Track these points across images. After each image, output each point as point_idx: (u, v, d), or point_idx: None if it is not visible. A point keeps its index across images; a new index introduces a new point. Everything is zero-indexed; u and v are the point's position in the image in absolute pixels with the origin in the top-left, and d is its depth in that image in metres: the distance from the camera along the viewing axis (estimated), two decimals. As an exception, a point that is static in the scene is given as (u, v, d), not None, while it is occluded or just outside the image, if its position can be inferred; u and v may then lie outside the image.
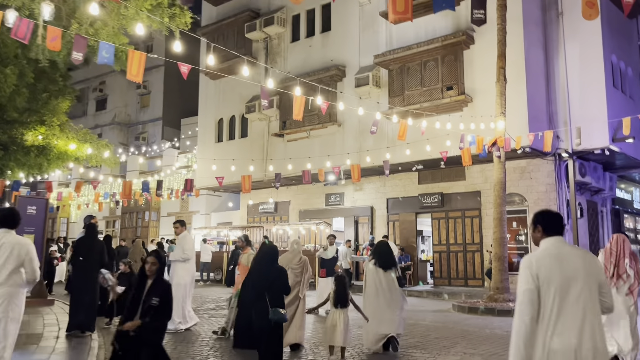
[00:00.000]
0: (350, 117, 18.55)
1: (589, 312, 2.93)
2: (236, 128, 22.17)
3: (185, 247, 8.81)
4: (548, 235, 3.15)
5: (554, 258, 3.01)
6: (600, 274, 3.11)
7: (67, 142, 14.09)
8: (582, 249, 3.35)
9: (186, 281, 8.81)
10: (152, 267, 4.66)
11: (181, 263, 8.80)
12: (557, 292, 2.92)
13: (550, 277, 2.95)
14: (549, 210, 3.27)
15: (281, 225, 20.33)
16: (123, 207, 26.75)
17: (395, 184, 19.03)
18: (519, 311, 2.99)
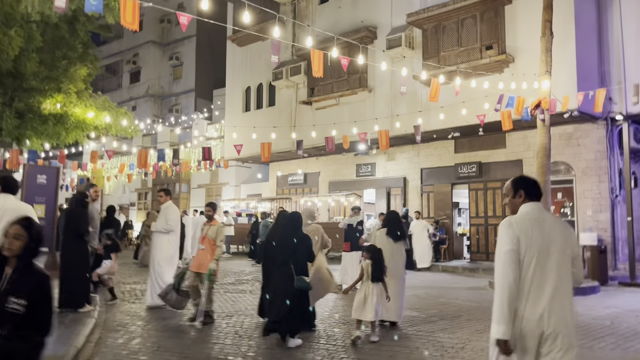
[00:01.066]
0: (382, 83, 17.47)
1: (563, 280, 2.91)
2: (264, 96, 21.37)
3: (169, 218, 8.13)
4: (529, 200, 3.09)
5: (535, 222, 2.97)
6: (575, 245, 3.09)
7: (85, 110, 13.61)
8: (560, 218, 3.36)
9: (169, 254, 8.18)
10: (14, 244, 2.93)
11: (164, 235, 8.14)
12: (537, 256, 2.89)
13: (531, 241, 2.91)
14: (528, 176, 3.28)
15: (309, 197, 19.59)
16: (154, 179, 26.58)
17: (429, 153, 17.92)
18: (502, 272, 2.91)
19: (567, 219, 15.08)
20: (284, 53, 20.45)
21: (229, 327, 6.86)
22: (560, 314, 2.85)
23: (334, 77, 18.39)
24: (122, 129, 14.63)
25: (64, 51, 15.15)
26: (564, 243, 2.97)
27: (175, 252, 8.29)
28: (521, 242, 2.91)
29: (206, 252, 7.10)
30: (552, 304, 2.84)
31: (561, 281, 2.90)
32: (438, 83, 10.69)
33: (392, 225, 7.14)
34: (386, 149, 14.20)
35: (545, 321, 2.82)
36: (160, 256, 8.09)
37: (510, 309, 2.84)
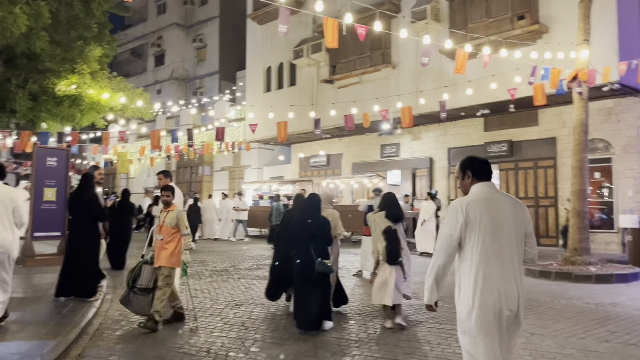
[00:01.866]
0: (406, 58, 16.66)
1: (515, 258, 2.92)
2: (284, 76, 20.77)
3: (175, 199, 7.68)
4: (478, 181, 3.08)
5: (483, 202, 2.96)
6: (528, 223, 3.05)
7: (100, 91, 13.27)
8: (512, 196, 3.17)
9: None
10: None
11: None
12: (486, 235, 2.89)
13: (480, 221, 2.91)
14: (476, 157, 3.21)
15: (332, 179, 19.01)
16: (177, 162, 26.39)
17: (457, 132, 17.10)
18: (437, 254, 3.02)
19: (605, 200, 14.17)
20: (304, 30, 19.80)
21: (235, 318, 6.40)
22: (515, 292, 2.87)
23: (356, 53, 17.65)
24: (137, 110, 14.26)
25: (79, 31, 14.84)
26: (515, 222, 2.94)
27: (182, 237, 7.84)
28: (468, 225, 2.92)
29: (166, 243, 5.99)
30: (508, 283, 2.86)
31: (514, 260, 2.92)
32: (464, 53, 9.91)
33: (390, 207, 6.94)
34: (410, 126, 13.48)
35: (502, 300, 2.84)
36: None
37: (435, 284, 3.03)
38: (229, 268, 11.00)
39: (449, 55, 15.28)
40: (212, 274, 10.08)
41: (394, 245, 6.00)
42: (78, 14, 14.63)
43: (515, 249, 2.93)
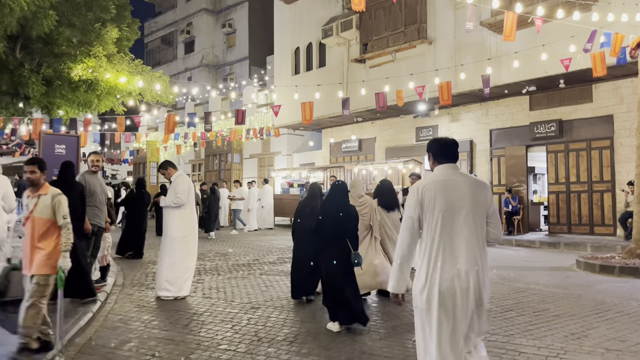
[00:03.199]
0: (444, 33, 15.36)
1: (473, 240, 2.91)
2: (313, 57, 19.71)
3: (178, 190, 6.80)
4: (439, 163, 3.11)
5: (440, 184, 2.99)
6: (489, 203, 3.03)
7: (117, 75, 12.55)
8: (474, 177, 3.26)
9: (181, 233, 6.85)
10: None
11: (175, 211, 6.85)
12: (440, 218, 2.92)
13: (434, 203, 2.94)
14: (440, 138, 3.19)
15: (364, 165, 17.95)
16: (206, 150, 25.79)
17: (500, 112, 15.75)
18: (400, 236, 3.06)
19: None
20: (333, 7, 18.71)
21: (249, 326, 5.51)
22: (472, 272, 2.86)
23: (389, 29, 16.44)
24: (157, 95, 13.51)
25: (96, 13, 14.15)
26: (473, 203, 2.94)
27: (191, 231, 6.98)
28: (424, 206, 2.97)
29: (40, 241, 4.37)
30: (465, 263, 2.86)
31: (472, 241, 2.90)
32: (514, 16, 8.65)
33: (383, 196, 6.92)
34: (448, 103, 12.28)
35: (456, 280, 2.85)
36: (171, 236, 6.85)
37: (401, 269, 3.04)
38: (251, 262, 10.16)
39: (491, 28, 13.96)
40: (232, 269, 9.25)
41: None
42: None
43: (474, 230, 2.92)
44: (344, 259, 5.32)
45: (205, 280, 8.19)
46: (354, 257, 5.30)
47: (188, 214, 6.99)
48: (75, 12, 14.01)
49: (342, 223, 5.41)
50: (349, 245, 5.37)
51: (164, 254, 6.95)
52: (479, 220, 2.95)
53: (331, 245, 5.41)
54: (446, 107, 16.65)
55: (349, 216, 5.51)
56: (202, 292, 7.30)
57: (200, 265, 9.57)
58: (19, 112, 12.39)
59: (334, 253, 5.37)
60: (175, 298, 6.79)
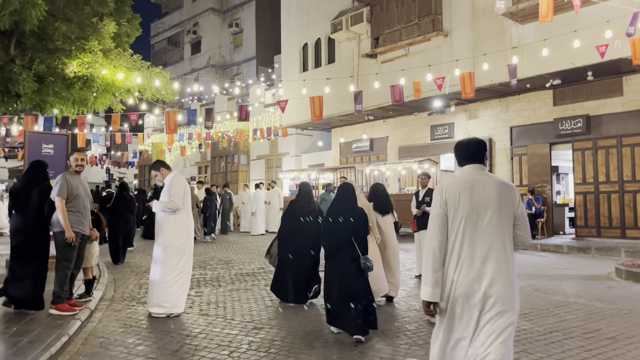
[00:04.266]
0: (461, 24, 14.47)
1: (498, 242, 2.81)
2: (322, 53, 18.88)
3: (172, 193, 5.98)
4: (462, 165, 3.05)
5: (464, 185, 2.91)
6: (517, 206, 2.91)
7: (114, 71, 11.78)
8: (501, 178, 3.02)
9: (176, 242, 6.01)
10: None
11: (170, 216, 6.02)
12: (464, 220, 2.84)
13: (458, 204, 2.87)
14: (464, 140, 3.10)
15: (376, 165, 17.07)
16: (212, 151, 25.04)
17: (521, 108, 14.81)
18: (430, 236, 2.95)
19: None
20: (343, 0, 17.85)
21: (249, 352, 4.66)
22: (496, 276, 2.77)
23: (402, 22, 15.56)
24: (157, 92, 12.74)
25: (94, 7, 13.43)
26: (500, 205, 2.84)
27: (187, 238, 6.15)
28: (449, 206, 2.90)
29: None
30: (486, 267, 2.78)
31: (497, 243, 2.81)
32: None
33: (378, 199, 6.77)
34: (471, 96, 11.37)
35: (479, 284, 2.76)
36: (165, 244, 6.02)
37: (434, 272, 2.87)
38: (256, 271, 9.32)
39: (512, 17, 13.04)
40: (234, 279, 8.41)
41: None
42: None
43: (499, 232, 2.82)
44: (353, 264, 5.05)
45: (205, 292, 7.37)
46: (364, 262, 5.03)
47: (184, 220, 6.16)
48: (71, 6, 13.29)
49: (350, 226, 5.15)
50: (357, 250, 5.06)
51: (157, 265, 6.12)
52: (506, 222, 2.84)
53: (339, 250, 5.16)
54: (463, 103, 15.76)
55: (358, 218, 5.23)
56: (199, 307, 6.47)
57: (200, 275, 8.75)
58: (10, 111, 11.68)
59: (343, 258, 5.12)
60: (168, 315, 5.96)
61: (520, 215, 2.89)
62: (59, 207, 5.68)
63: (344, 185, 5.56)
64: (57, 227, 5.75)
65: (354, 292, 5.01)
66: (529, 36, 12.72)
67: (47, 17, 12.96)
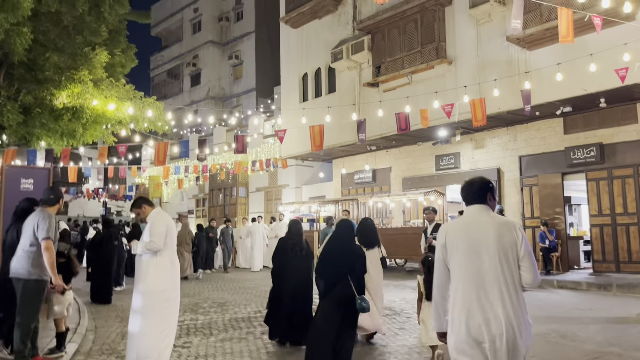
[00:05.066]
0: (465, 51, 14.02)
1: (501, 284, 2.77)
2: (322, 82, 18.44)
3: (153, 231, 5.29)
4: (467, 205, 3.07)
5: (462, 226, 2.97)
6: (520, 245, 2.85)
7: (105, 101, 11.24)
8: (503, 218, 3.03)
9: (157, 288, 5.26)
10: None
11: (151, 259, 5.29)
12: (463, 262, 2.85)
13: (457, 246, 2.89)
14: (467, 180, 3.14)
15: (379, 197, 16.40)
16: (210, 184, 24.42)
17: (530, 136, 14.23)
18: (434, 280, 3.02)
19: None
20: (343, 29, 17.53)
21: None
22: (501, 318, 2.72)
23: (404, 50, 15.13)
24: (151, 123, 12.19)
25: (86, 37, 13.01)
26: (499, 246, 2.82)
27: (171, 283, 5.43)
28: (448, 248, 2.93)
29: None
30: (490, 309, 2.74)
31: (500, 284, 2.77)
32: (569, 14, 7.22)
33: (361, 232, 6.65)
34: (482, 124, 10.77)
35: (483, 327, 2.73)
36: (145, 291, 5.30)
37: (438, 309, 2.98)
38: (252, 315, 8.54)
39: (519, 43, 12.58)
40: (228, 326, 7.63)
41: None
42: (83, 16, 12.79)
43: (501, 273, 2.78)
44: (347, 304, 4.81)
45: (194, 343, 6.60)
46: (359, 302, 4.76)
47: (166, 263, 5.44)
48: (63, 35, 12.87)
49: (346, 264, 4.95)
50: (352, 289, 4.80)
51: (136, 315, 5.38)
52: (507, 263, 2.80)
53: (334, 289, 4.89)
54: (469, 132, 15.20)
55: (354, 256, 5.06)
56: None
57: (191, 321, 7.97)
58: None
59: (337, 297, 4.86)
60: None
61: (523, 256, 2.84)
62: (49, 251, 5.05)
63: (342, 222, 5.38)
64: (35, 273, 5.08)
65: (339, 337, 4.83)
66: (537, 62, 12.22)
67: (38, 47, 12.56)
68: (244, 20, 35.38)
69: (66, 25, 12.97)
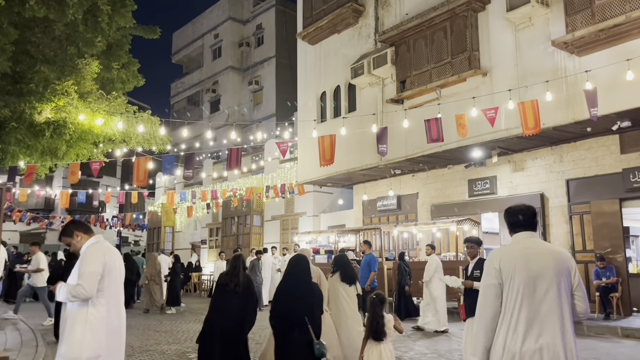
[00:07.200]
0: (502, 60, 12.37)
1: (557, 313, 2.75)
2: (341, 101, 16.94)
3: (82, 270, 3.75)
4: (514, 232, 3.04)
5: (519, 253, 2.90)
6: (574, 274, 2.88)
7: (93, 116, 9.89)
8: (556, 247, 3.03)
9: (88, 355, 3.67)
10: None
11: (79, 310, 3.76)
12: (521, 289, 2.79)
13: (514, 273, 2.82)
14: (514, 206, 3.14)
15: (405, 226, 14.59)
16: (223, 212, 22.93)
17: (579, 157, 12.37)
18: (481, 305, 2.91)
19: None
20: (364, 43, 16.12)
21: None
22: (557, 347, 2.70)
23: (432, 61, 13.55)
24: (145, 140, 10.79)
25: (80, 48, 11.80)
26: (557, 274, 2.80)
27: (104, 348, 3.78)
28: (504, 275, 2.85)
29: None
30: (545, 337, 2.71)
31: (556, 313, 2.75)
32: None
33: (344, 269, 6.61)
34: (535, 132, 8.99)
35: (544, 355, 2.69)
36: (67, 356, 3.69)
37: (484, 344, 2.83)
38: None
39: (567, 48, 10.88)
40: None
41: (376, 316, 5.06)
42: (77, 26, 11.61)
43: (558, 302, 2.75)
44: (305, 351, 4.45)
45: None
46: (318, 347, 4.46)
47: (101, 317, 3.82)
48: (54, 46, 11.69)
49: (305, 306, 4.59)
50: (310, 332, 4.46)
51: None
52: (564, 292, 2.79)
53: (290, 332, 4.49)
54: (507, 153, 13.42)
55: (310, 296, 4.68)
56: None
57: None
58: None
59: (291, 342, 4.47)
60: None
61: (578, 285, 2.86)
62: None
63: (295, 257, 5.02)
64: None
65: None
66: (589, 69, 10.47)
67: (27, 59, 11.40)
68: (265, 45, 34.65)
69: (58, 35, 11.82)
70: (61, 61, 11.49)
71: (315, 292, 4.79)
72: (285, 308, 4.64)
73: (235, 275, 5.44)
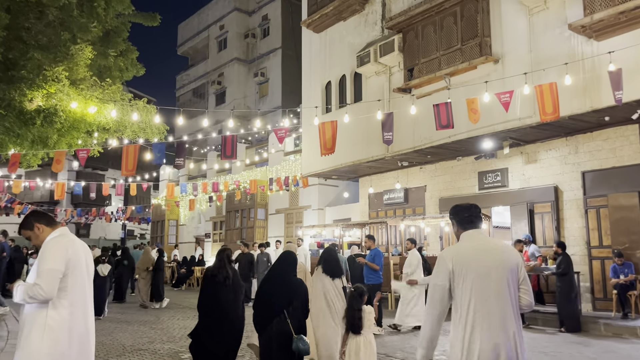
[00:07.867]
0: (515, 46, 11.78)
1: (508, 308, 2.80)
2: (347, 91, 16.39)
3: (41, 268, 3.29)
4: (464, 230, 3.07)
5: (470, 251, 2.93)
6: (521, 268, 2.95)
7: (86, 104, 9.44)
8: (502, 242, 3.20)
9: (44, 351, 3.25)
10: None
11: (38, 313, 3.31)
12: (473, 286, 2.81)
13: (466, 273, 2.84)
14: (461, 204, 3.17)
15: (412, 220, 14.08)
16: (227, 205, 22.52)
17: (596, 147, 11.78)
18: (429, 306, 2.94)
19: None
20: (371, 30, 15.54)
21: None
22: (510, 342, 2.75)
23: (441, 48, 12.98)
24: (140, 129, 10.34)
25: (75, 34, 11.35)
26: (505, 269, 2.85)
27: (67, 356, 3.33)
28: (455, 274, 2.87)
29: None
30: (500, 333, 2.75)
31: (508, 308, 2.81)
32: None
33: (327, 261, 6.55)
34: (554, 118, 8.43)
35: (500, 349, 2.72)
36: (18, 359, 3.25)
37: (430, 339, 2.90)
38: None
39: (584, 32, 10.28)
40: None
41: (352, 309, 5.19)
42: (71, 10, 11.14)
43: (508, 297, 2.82)
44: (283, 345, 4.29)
45: None
46: (296, 343, 4.26)
47: (63, 320, 3.36)
48: (47, 32, 11.24)
49: (284, 296, 4.49)
50: (289, 326, 4.33)
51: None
52: (513, 286, 2.86)
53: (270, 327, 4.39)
54: (519, 144, 12.84)
55: (293, 288, 4.59)
56: None
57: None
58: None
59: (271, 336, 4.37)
60: None
61: (524, 279, 2.94)
62: None
63: (284, 253, 5.05)
64: None
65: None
66: (607, 55, 9.87)
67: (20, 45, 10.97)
68: (271, 36, 34.10)
69: (52, 20, 11.36)
70: (54, 47, 11.06)
71: (296, 284, 4.70)
72: (265, 298, 4.62)
73: (222, 267, 5.33)
